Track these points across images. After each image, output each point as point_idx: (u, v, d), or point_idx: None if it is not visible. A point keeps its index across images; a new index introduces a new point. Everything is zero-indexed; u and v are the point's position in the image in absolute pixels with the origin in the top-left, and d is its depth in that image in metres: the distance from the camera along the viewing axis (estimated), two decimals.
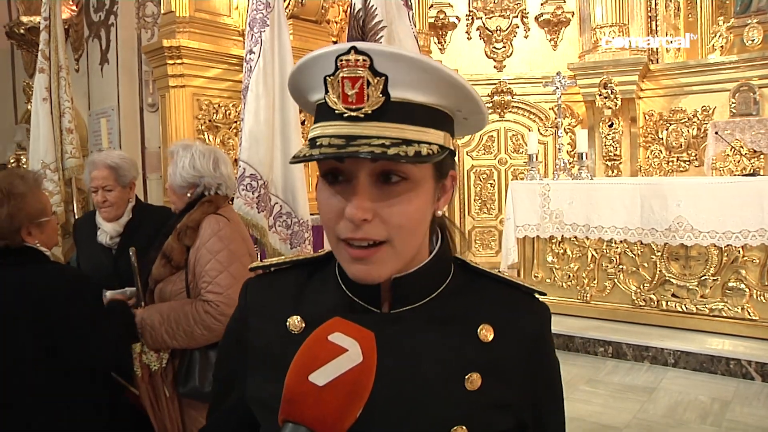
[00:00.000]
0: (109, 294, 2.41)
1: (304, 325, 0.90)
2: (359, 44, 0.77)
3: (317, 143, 0.78)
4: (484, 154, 7.85)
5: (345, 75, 0.77)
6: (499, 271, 0.99)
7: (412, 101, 0.79)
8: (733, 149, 6.42)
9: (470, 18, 8.03)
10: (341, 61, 0.77)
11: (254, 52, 3.41)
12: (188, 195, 2.44)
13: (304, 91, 0.87)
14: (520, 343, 0.90)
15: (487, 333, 0.88)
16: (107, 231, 2.77)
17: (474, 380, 0.85)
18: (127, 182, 2.85)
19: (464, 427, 0.83)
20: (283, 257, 1.03)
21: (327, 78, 0.79)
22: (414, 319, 0.88)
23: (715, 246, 4.90)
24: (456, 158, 0.97)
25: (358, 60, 0.76)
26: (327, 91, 0.79)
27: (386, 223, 0.80)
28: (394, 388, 0.84)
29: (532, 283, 4.00)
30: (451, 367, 0.86)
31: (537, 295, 0.97)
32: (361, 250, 0.81)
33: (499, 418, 0.87)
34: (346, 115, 0.78)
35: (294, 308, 0.93)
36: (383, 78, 0.77)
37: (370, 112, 0.77)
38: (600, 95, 6.85)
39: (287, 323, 0.91)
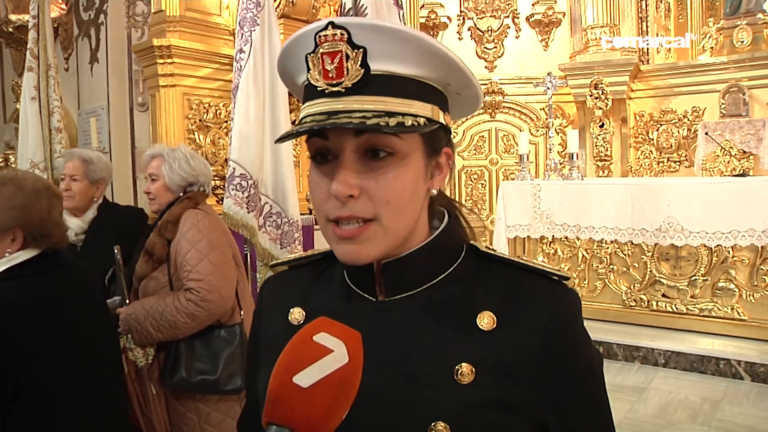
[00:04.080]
0: None
1: (304, 315, 0.90)
2: (336, 19, 0.76)
3: (302, 122, 0.78)
4: (475, 154, 7.85)
5: (324, 51, 0.77)
6: (519, 257, 0.90)
7: (394, 73, 0.78)
8: (723, 150, 6.45)
9: (461, 18, 8.03)
10: (320, 37, 0.77)
11: (244, 52, 3.39)
12: (181, 193, 2.53)
13: (292, 75, 0.86)
14: (529, 333, 0.81)
15: (488, 320, 0.81)
16: (72, 227, 2.80)
17: (465, 372, 0.78)
18: (96, 179, 2.89)
19: (446, 425, 0.77)
20: (302, 253, 1.03)
21: (308, 56, 0.79)
22: (409, 307, 0.85)
23: (705, 246, 4.92)
24: (452, 136, 0.90)
25: (335, 34, 0.76)
26: (309, 69, 0.79)
27: (373, 199, 0.78)
28: (379, 380, 0.80)
29: None
30: (441, 357, 0.80)
31: (559, 280, 0.87)
32: (349, 229, 0.79)
33: (497, 417, 0.79)
34: (327, 91, 0.77)
35: (300, 300, 0.93)
36: (362, 50, 0.76)
37: (350, 85, 0.76)
38: (591, 96, 6.86)
39: (289, 315, 0.91)
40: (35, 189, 1.87)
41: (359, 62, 0.76)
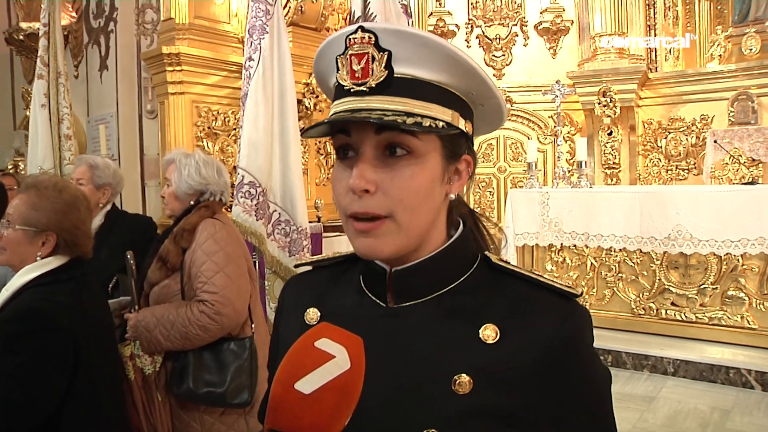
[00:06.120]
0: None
1: (319, 315, 0.92)
2: (366, 24, 0.82)
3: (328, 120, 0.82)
4: (483, 162, 7.82)
5: (353, 52, 0.82)
6: (531, 271, 0.90)
7: (416, 77, 0.82)
8: (731, 158, 6.42)
9: (469, 26, 8.03)
10: (350, 39, 0.82)
11: (253, 59, 3.41)
12: (191, 202, 2.48)
13: (325, 78, 0.91)
14: (531, 347, 0.81)
15: (490, 333, 0.82)
16: None
17: (463, 383, 0.80)
18: (101, 184, 2.90)
19: None
20: (327, 254, 1.05)
21: (338, 57, 0.84)
22: (416, 314, 0.86)
23: (714, 254, 4.89)
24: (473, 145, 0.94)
25: (364, 37, 0.81)
26: (338, 70, 0.84)
27: (387, 195, 0.81)
28: (382, 385, 0.82)
29: None
30: (441, 366, 0.81)
31: (569, 296, 0.87)
32: (365, 222, 0.82)
33: (491, 428, 0.80)
34: (353, 90, 0.82)
35: (316, 300, 0.95)
36: (387, 53, 0.81)
37: (374, 85, 0.81)
38: (599, 103, 6.84)
39: (305, 315, 0.94)
40: (74, 196, 1.92)
41: (384, 64, 0.81)
